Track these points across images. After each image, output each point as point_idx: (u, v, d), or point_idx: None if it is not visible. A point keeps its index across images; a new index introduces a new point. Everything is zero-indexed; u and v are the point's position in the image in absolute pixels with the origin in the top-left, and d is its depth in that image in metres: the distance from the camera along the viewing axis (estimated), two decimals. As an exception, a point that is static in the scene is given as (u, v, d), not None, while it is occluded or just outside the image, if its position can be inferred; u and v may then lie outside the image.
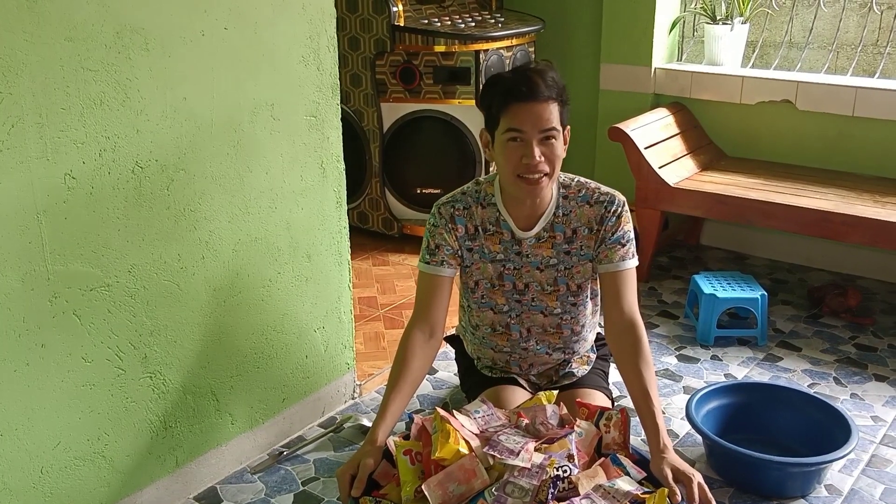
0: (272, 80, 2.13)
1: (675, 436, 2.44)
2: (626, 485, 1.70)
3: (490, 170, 3.65)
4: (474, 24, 3.66)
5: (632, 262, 2.07)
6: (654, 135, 3.51)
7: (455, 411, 1.84)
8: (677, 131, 3.65)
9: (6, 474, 1.77)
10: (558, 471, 1.68)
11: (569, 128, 2.00)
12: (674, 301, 3.33)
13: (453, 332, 2.47)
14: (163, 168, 1.92)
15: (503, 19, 3.79)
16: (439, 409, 1.78)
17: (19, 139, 1.64)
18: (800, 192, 3.26)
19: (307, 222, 2.33)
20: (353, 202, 3.89)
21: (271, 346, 2.32)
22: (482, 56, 3.55)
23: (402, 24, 3.54)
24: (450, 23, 3.62)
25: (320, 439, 2.42)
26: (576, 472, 1.71)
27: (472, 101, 3.56)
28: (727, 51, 3.74)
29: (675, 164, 3.48)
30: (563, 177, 2.10)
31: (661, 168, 3.40)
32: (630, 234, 2.08)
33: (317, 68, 2.25)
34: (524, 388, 2.20)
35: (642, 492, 1.71)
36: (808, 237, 3.48)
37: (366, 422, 2.47)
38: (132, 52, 1.80)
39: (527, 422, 1.86)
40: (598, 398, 2.17)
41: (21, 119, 1.64)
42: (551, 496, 1.64)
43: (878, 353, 2.91)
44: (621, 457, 1.81)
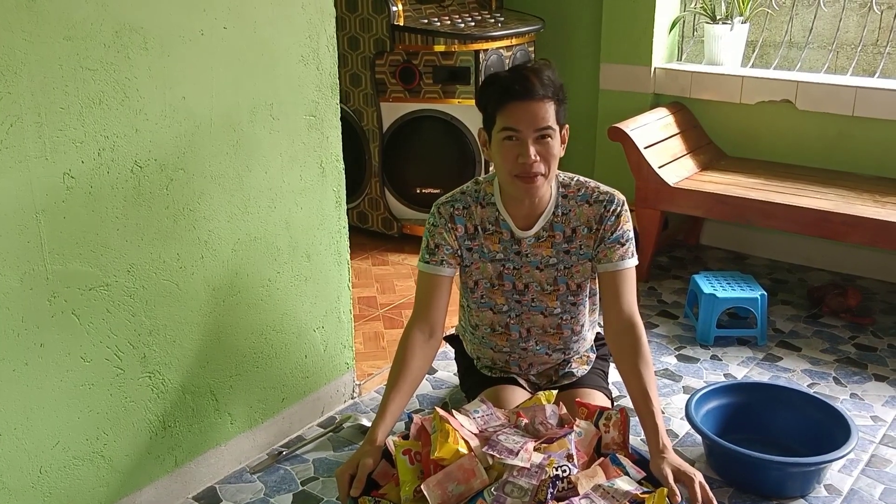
0: (271, 79, 2.13)
1: (675, 436, 2.43)
2: (625, 485, 1.70)
3: (489, 169, 3.65)
4: (474, 23, 3.66)
5: (631, 262, 2.07)
6: (654, 134, 3.51)
7: (454, 411, 1.84)
8: (677, 131, 3.65)
9: (5, 474, 1.77)
10: (557, 470, 1.67)
11: (567, 127, 2.00)
12: (673, 301, 3.33)
13: (453, 331, 2.47)
14: (162, 167, 1.92)
15: (503, 19, 3.79)
16: (438, 409, 1.78)
17: (18, 138, 1.64)
18: (800, 192, 3.26)
19: (306, 222, 2.33)
20: (352, 202, 3.89)
21: (270, 346, 2.31)
22: (482, 56, 3.55)
23: (402, 23, 3.54)
24: (449, 22, 3.62)
25: (319, 439, 2.42)
26: (575, 471, 1.71)
27: (472, 101, 3.54)
28: (727, 50, 3.74)
29: (674, 164, 3.48)
30: (563, 176, 2.10)
31: (660, 168, 3.40)
32: (629, 234, 2.08)
33: (316, 68, 2.25)
34: (524, 388, 2.20)
35: (642, 492, 1.71)
36: (808, 237, 3.48)
37: (365, 421, 2.47)
38: (131, 52, 1.80)
39: (526, 421, 1.86)
40: (598, 398, 2.16)
41: (20, 118, 1.64)
42: (550, 496, 1.64)
43: (877, 353, 2.91)
44: (621, 457, 1.81)
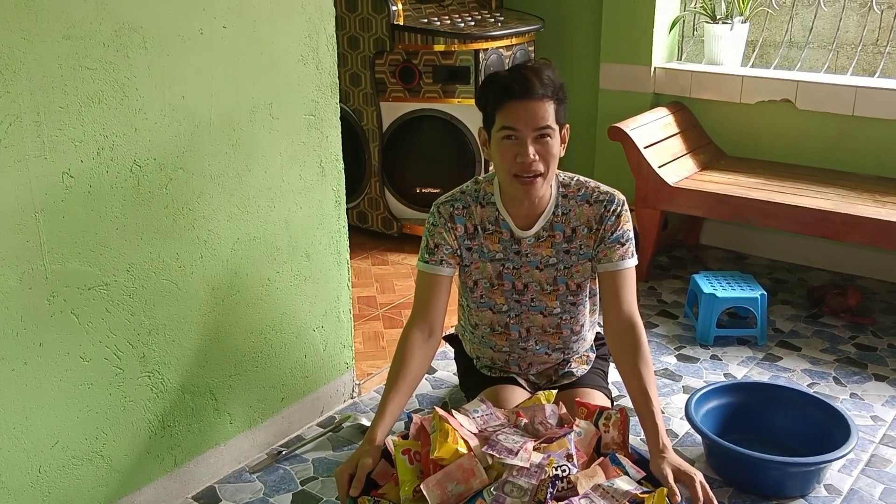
0: (271, 78, 2.13)
1: (675, 435, 2.43)
2: (625, 484, 1.70)
3: (489, 169, 3.64)
4: (474, 23, 3.66)
5: (631, 262, 2.06)
6: (654, 134, 3.51)
7: (454, 411, 1.84)
8: (677, 131, 3.64)
9: (4, 473, 1.77)
10: (557, 470, 1.67)
11: (568, 126, 2.00)
12: (673, 301, 3.33)
13: (452, 331, 2.47)
14: (161, 167, 1.92)
15: (503, 18, 3.79)
16: (438, 409, 1.78)
17: (17, 138, 1.64)
18: (800, 191, 3.25)
19: (306, 221, 2.33)
20: (352, 201, 3.89)
21: (270, 346, 2.31)
22: (482, 55, 3.55)
23: (402, 23, 3.54)
24: (449, 22, 3.61)
25: (319, 439, 2.42)
26: (574, 471, 1.71)
27: (472, 101, 3.52)
28: (727, 50, 3.73)
29: (674, 164, 3.48)
30: (563, 176, 2.09)
31: (660, 168, 3.39)
32: (629, 234, 2.08)
33: (316, 67, 2.24)
34: (523, 388, 2.20)
35: (641, 491, 1.70)
36: (808, 237, 3.48)
37: (365, 421, 2.47)
38: (130, 51, 1.80)
39: (526, 421, 1.86)
40: (598, 398, 2.16)
41: (19, 118, 1.63)
42: (550, 496, 1.64)
43: (877, 353, 2.91)
44: (620, 456, 1.81)
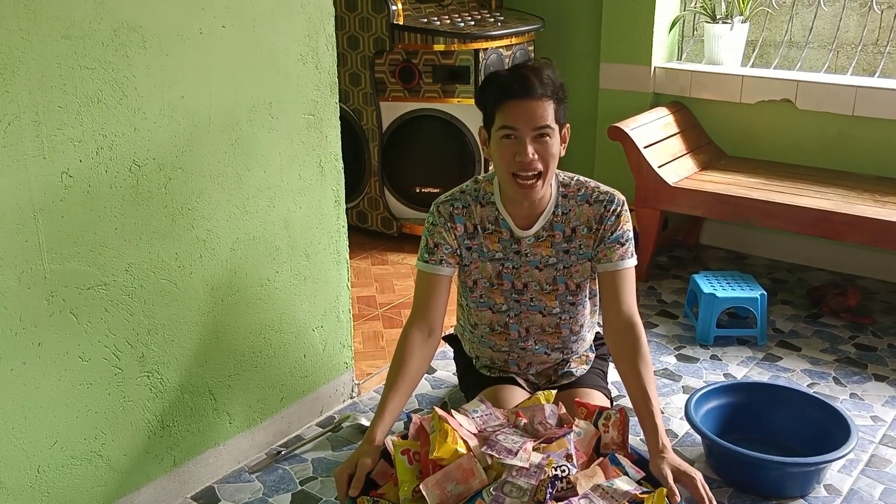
0: (270, 78, 2.13)
1: (674, 435, 2.43)
2: (624, 485, 1.70)
3: (489, 168, 3.64)
4: (474, 22, 3.65)
5: (631, 262, 2.06)
6: (654, 134, 3.51)
7: (453, 411, 1.84)
8: (677, 131, 3.64)
9: (3, 473, 1.77)
10: (556, 470, 1.67)
11: (568, 126, 2.00)
12: (673, 301, 3.33)
13: (452, 331, 2.47)
14: (160, 166, 1.92)
15: (503, 18, 3.79)
16: (437, 409, 1.78)
17: (16, 137, 1.64)
18: (800, 191, 3.25)
19: (305, 221, 2.32)
20: (352, 201, 3.88)
21: (269, 346, 2.31)
22: (481, 55, 3.55)
23: (402, 22, 3.53)
24: (449, 22, 3.61)
25: (318, 439, 2.42)
26: (574, 471, 1.70)
27: (472, 100, 3.51)
28: (727, 50, 3.73)
29: (674, 164, 3.47)
30: (563, 175, 2.09)
31: (660, 167, 3.39)
32: (629, 234, 2.07)
33: (315, 67, 2.24)
34: (523, 388, 2.20)
35: (641, 492, 1.70)
36: (808, 237, 3.48)
37: (364, 421, 2.47)
38: (129, 50, 1.80)
39: (525, 421, 1.85)
40: (597, 398, 2.16)
41: (18, 117, 1.63)
42: (549, 496, 1.63)
43: (877, 353, 2.91)
44: (620, 456, 1.80)
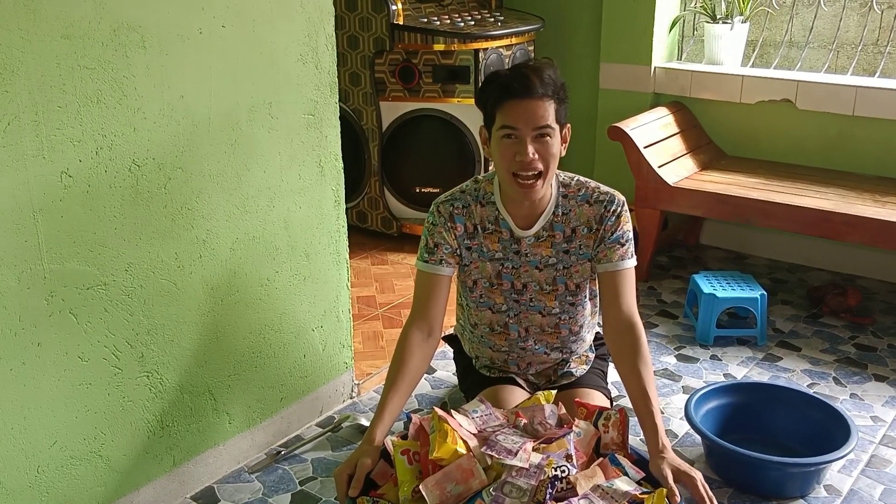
0: (270, 78, 2.13)
1: (674, 436, 2.43)
2: (624, 485, 1.70)
3: (489, 168, 3.64)
4: (474, 22, 3.65)
5: (631, 262, 2.06)
6: (654, 134, 3.51)
7: (453, 411, 1.84)
8: (677, 130, 3.64)
9: (2, 473, 1.77)
10: (556, 471, 1.67)
11: (569, 126, 2.00)
12: (673, 301, 3.33)
13: (451, 331, 2.47)
14: (160, 166, 1.91)
15: (503, 18, 3.79)
16: (437, 409, 1.77)
17: (15, 137, 1.63)
18: (800, 191, 3.25)
19: (305, 221, 2.32)
20: (352, 201, 3.88)
21: (269, 346, 2.31)
22: (481, 55, 3.55)
23: (402, 22, 3.53)
24: (449, 21, 3.61)
25: (318, 439, 2.42)
26: (574, 472, 1.70)
27: (472, 100, 3.54)
28: (727, 50, 3.73)
29: (674, 164, 3.47)
30: (563, 176, 2.09)
31: (660, 167, 3.39)
32: (629, 234, 2.07)
33: (315, 67, 2.24)
34: (522, 388, 2.20)
35: (641, 492, 1.70)
36: (808, 237, 3.48)
37: (364, 421, 2.47)
38: (129, 50, 1.79)
39: (525, 422, 1.85)
40: (597, 398, 2.16)
41: (17, 117, 1.63)
42: (549, 496, 1.63)
43: (877, 353, 2.91)
44: (620, 457, 1.80)
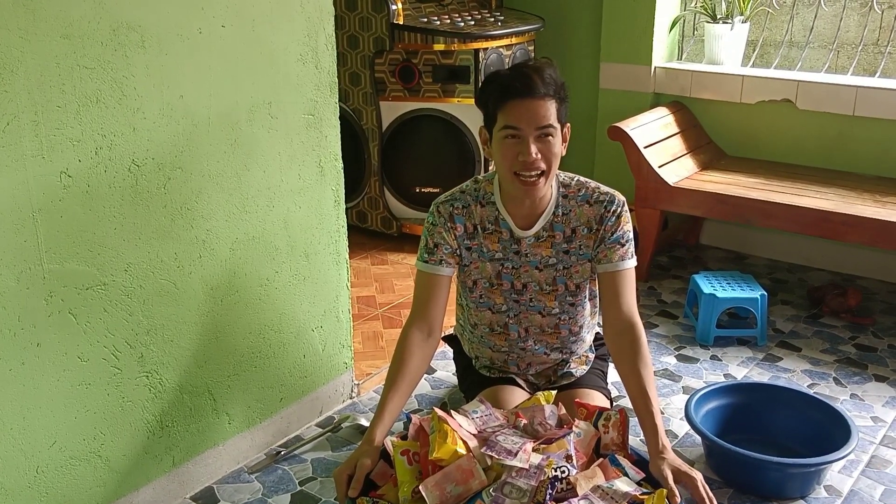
0: (270, 78, 2.12)
1: (674, 436, 2.43)
2: (624, 486, 1.70)
3: (489, 168, 3.64)
4: (474, 22, 3.65)
5: (631, 263, 2.06)
6: (654, 134, 3.50)
7: (453, 411, 1.84)
8: (677, 130, 3.64)
9: (1, 474, 1.76)
10: (556, 471, 1.67)
11: (569, 126, 1.99)
12: (673, 301, 3.33)
13: (451, 331, 2.47)
14: (159, 166, 1.91)
15: (503, 18, 3.78)
16: (437, 409, 1.77)
17: (15, 137, 1.63)
18: (800, 191, 3.25)
19: (305, 221, 2.32)
20: (352, 201, 3.88)
21: (269, 346, 2.31)
22: (482, 55, 3.55)
23: (402, 22, 3.53)
24: (449, 21, 3.61)
25: (318, 439, 2.41)
26: (574, 472, 1.70)
27: (472, 100, 3.54)
28: (727, 50, 3.73)
29: (674, 164, 3.47)
30: (563, 176, 2.09)
31: (660, 167, 3.39)
32: (629, 235, 2.07)
33: (315, 66, 2.24)
34: (522, 388, 2.20)
35: (641, 493, 1.70)
36: (808, 237, 3.48)
37: (364, 421, 2.47)
38: (128, 50, 1.79)
39: (525, 422, 1.85)
40: (597, 398, 2.16)
41: (16, 117, 1.63)
42: (549, 497, 1.63)
43: (878, 354, 2.91)
44: (620, 457, 1.80)
